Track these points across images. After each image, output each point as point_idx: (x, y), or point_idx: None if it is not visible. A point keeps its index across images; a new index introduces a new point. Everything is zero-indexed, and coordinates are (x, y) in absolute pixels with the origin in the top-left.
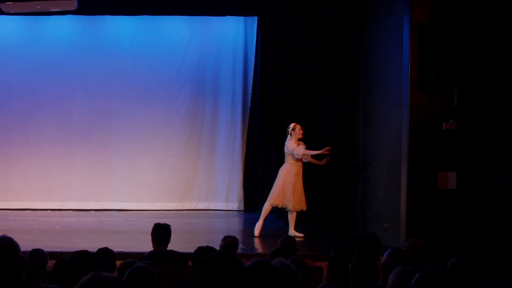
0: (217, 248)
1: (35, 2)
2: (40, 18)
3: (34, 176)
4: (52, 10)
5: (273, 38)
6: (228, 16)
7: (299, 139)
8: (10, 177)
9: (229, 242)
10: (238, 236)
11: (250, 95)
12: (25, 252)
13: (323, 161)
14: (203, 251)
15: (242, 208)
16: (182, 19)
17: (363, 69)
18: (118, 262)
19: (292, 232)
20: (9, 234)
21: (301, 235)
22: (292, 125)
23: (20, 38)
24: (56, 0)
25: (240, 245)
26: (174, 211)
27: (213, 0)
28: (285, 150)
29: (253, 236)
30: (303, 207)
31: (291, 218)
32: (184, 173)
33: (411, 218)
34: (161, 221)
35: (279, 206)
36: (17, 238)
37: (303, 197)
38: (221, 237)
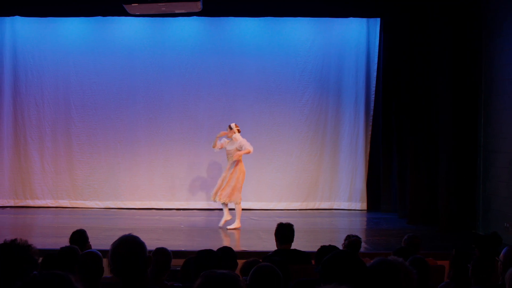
0: (340, 247)
1: (160, 4)
2: (165, 19)
3: (159, 175)
4: (176, 11)
5: (395, 39)
6: (351, 18)
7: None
8: (135, 177)
9: (352, 241)
10: (361, 235)
11: (373, 96)
12: (150, 251)
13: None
14: (326, 250)
15: (365, 207)
16: (305, 21)
17: (484, 69)
18: (241, 261)
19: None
20: (135, 233)
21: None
22: (233, 124)
23: (145, 39)
24: (181, 2)
25: (363, 244)
26: (297, 211)
27: (336, 2)
28: (237, 146)
29: (376, 235)
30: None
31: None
32: (307, 173)
33: None
34: (285, 220)
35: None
36: (142, 237)
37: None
38: (344, 236)
